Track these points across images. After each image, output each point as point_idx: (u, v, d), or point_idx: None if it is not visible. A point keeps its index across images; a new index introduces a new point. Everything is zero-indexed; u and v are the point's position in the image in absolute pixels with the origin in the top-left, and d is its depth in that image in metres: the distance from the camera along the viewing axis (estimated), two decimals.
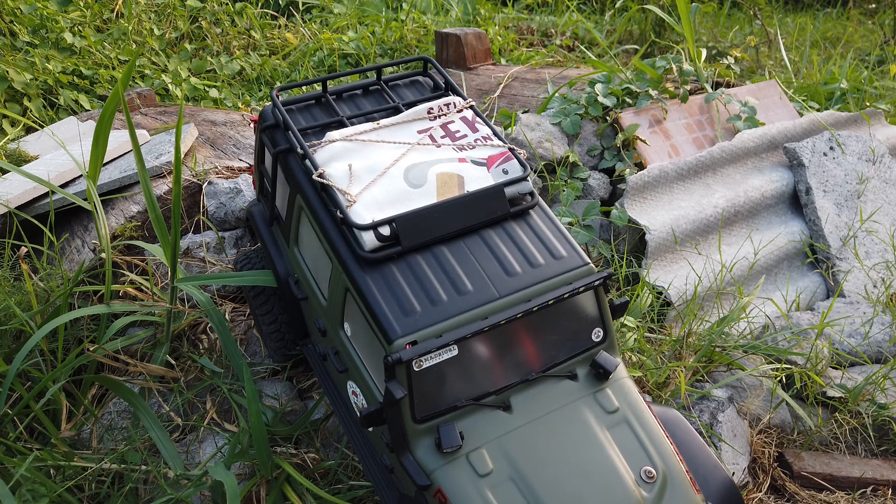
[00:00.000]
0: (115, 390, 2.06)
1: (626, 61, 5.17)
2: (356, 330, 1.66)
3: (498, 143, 1.85)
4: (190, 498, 1.83)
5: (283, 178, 1.92)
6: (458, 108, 1.93)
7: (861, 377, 2.44)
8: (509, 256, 1.65)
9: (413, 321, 1.50)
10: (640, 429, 1.61)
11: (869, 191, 3.30)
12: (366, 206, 1.65)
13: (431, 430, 1.53)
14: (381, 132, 1.85)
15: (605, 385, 1.66)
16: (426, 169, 1.74)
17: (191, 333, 2.39)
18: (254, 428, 1.83)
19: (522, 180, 1.75)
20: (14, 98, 3.88)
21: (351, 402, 1.79)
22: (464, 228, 1.66)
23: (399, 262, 1.61)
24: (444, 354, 1.50)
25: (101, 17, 4.96)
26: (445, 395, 1.54)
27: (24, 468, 1.77)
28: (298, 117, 1.92)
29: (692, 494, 1.54)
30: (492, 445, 1.53)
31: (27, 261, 2.48)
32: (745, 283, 2.91)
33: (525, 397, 1.60)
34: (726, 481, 1.65)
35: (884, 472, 2.22)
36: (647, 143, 3.12)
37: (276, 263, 2.02)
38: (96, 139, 2.18)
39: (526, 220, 1.74)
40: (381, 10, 5.98)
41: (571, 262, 1.67)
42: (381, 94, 2.03)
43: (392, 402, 1.44)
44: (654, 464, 1.56)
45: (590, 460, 1.53)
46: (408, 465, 1.52)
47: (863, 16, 7.20)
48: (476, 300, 1.55)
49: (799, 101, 3.80)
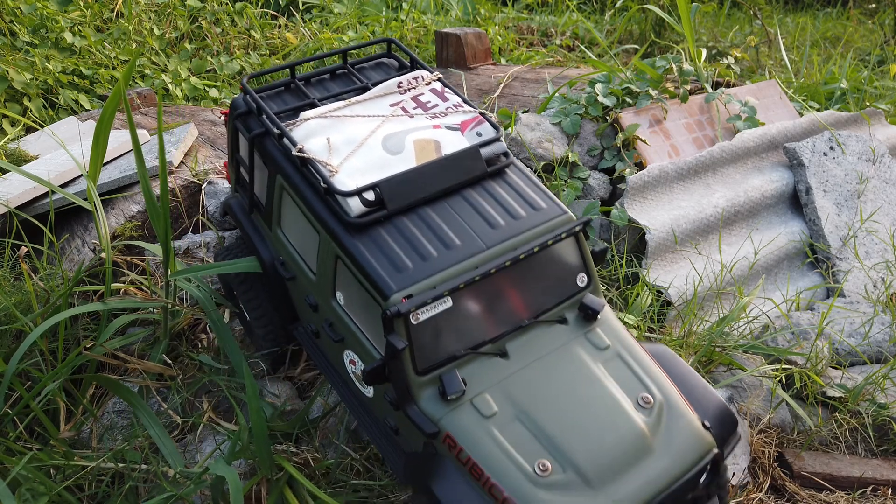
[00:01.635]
0: (114, 389, 2.06)
1: (626, 61, 5.17)
2: (349, 296, 1.70)
3: (469, 109, 1.92)
4: (190, 496, 1.83)
5: (260, 163, 1.95)
6: (427, 81, 2.00)
7: (861, 377, 2.44)
8: (491, 211, 1.71)
9: (406, 276, 1.55)
10: (633, 361, 1.68)
11: (869, 191, 3.30)
12: (348, 174, 1.70)
13: (433, 381, 1.58)
14: (355, 108, 1.90)
15: (595, 325, 1.74)
16: (403, 137, 1.81)
17: (190, 333, 2.39)
18: (254, 424, 1.82)
19: (496, 141, 1.82)
20: (14, 98, 3.88)
21: (349, 372, 1.82)
22: (445, 189, 1.72)
23: (386, 225, 1.66)
24: (440, 306, 1.56)
25: (101, 17, 4.96)
26: (444, 346, 1.59)
27: (20, 467, 1.77)
28: (270, 104, 1.94)
29: (689, 415, 1.61)
30: (494, 390, 1.58)
31: (27, 261, 2.48)
32: (745, 283, 2.91)
33: (520, 343, 1.67)
34: (719, 403, 1.71)
35: (884, 472, 2.22)
36: (647, 143, 3.12)
37: (260, 250, 2.04)
38: (96, 139, 2.18)
39: (503, 178, 1.81)
40: (381, 10, 5.98)
41: (551, 212, 1.74)
42: (348, 77, 2.08)
43: (394, 354, 1.49)
44: (650, 390, 1.63)
45: (588, 393, 1.59)
46: (414, 416, 1.56)
47: (863, 16, 7.20)
48: (464, 253, 1.62)
49: (799, 100, 3.79)
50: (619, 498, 1.46)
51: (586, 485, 1.47)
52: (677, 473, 1.52)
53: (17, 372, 2.11)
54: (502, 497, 1.45)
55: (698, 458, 1.56)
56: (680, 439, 1.57)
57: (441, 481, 1.52)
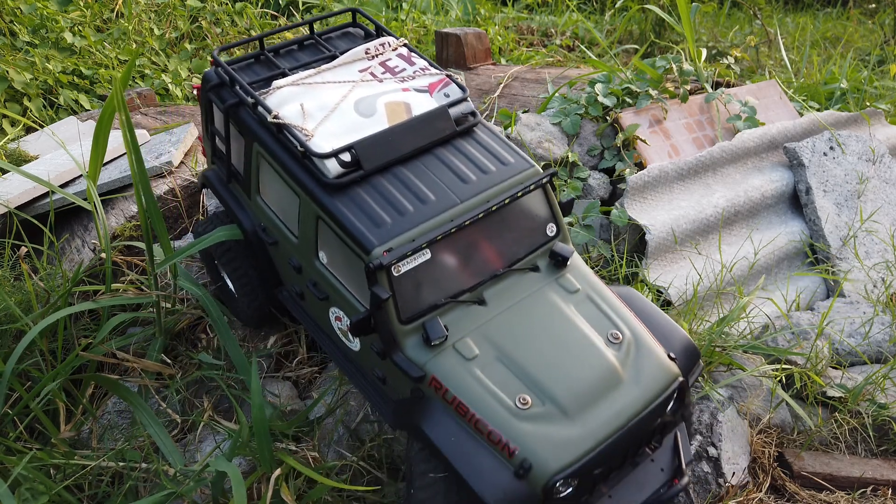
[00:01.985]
0: (113, 389, 2.06)
1: (626, 61, 5.16)
2: (332, 255, 1.79)
3: (436, 72, 2.00)
4: (190, 494, 1.83)
5: (236, 133, 2.01)
6: (394, 47, 2.07)
7: (861, 377, 2.44)
8: (462, 167, 1.81)
9: (386, 231, 1.65)
10: (602, 302, 1.81)
11: (869, 191, 3.30)
12: (323, 138, 1.78)
13: (417, 329, 1.69)
14: (325, 75, 1.97)
15: (565, 271, 1.86)
16: (374, 100, 1.88)
17: (190, 333, 2.39)
18: (255, 420, 1.82)
19: (463, 101, 1.91)
20: (14, 98, 3.88)
21: (335, 329, 1.91)
22: (417, 148, 1.81)
23: (363, 184, 1.75)
24: (419, 258, 1.66)
25: (101, 17, 4.95)
26: (425, 296, 1.70)
27: (21, 467, 1.77)
28: (242, 75, 1.99)
29: (656, 348, 1.74)
30: (474, 334, 1.70)
31: (27, 261, 2.48)
32: (745, 283, 2.91)
33: (496, 291, 1.78)
34: (683, 337, 1.84)
35: (884, 472, 2.22)
36: (647, 142, 3.12)
37: (241, 218, 2.09)
38: (96, 139, 2.18)
39: (472, 136, 1.90)
40: (381, 10, 5.97)
41: (519, 166, 1.84)
42: (316, 47, 2.14)
43: (378, 305, 1.59)
44: (619, 327, 1.76)
45: (562, 333, 1.72)
46: (401, 362, 1.67)
47: (863, 16, 7.20)
48: (439, 207, 1.71)
49: (799, 100, 3.79)
50: (593, 425, 1.59)
51: (564, 415, 1.59)
52: (646, 401, 1.65)
53: (17, 372, 2.11)
54: (487, 430, 1.57)
55: (665, 386, 1.69)
56: (648, 370, 1.70)
57: (430, 421, 1.62)
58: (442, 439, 1.59)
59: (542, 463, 1.53)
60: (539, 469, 1.53)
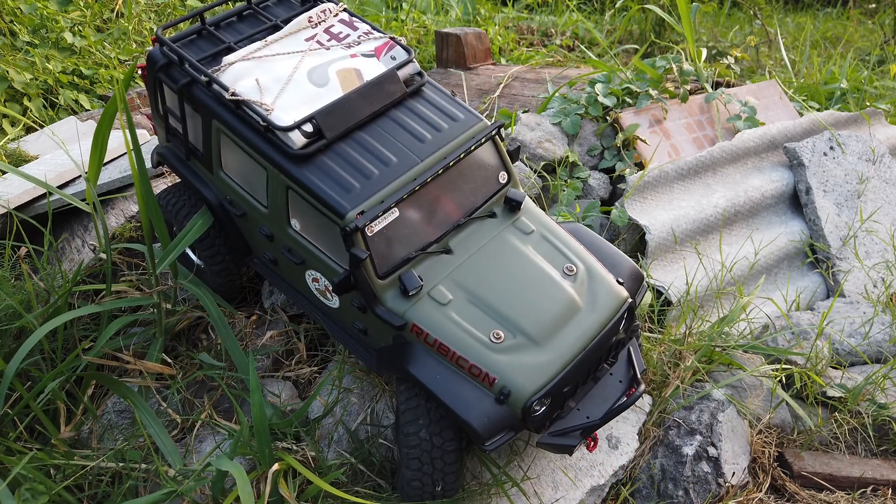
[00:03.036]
0: (113, 388, 2.06)
1: (626, 61, 5.16)
2: (305, 222, 1.89)
3: (379, 35, 2.08)
4: (190, 493, 1.83)
5: (191, 112, 2.05)
6: (335, 13, 2.13)
7: (861, 377, 2.44)
8: (417, 127, 1.93)
9: (356, 195, 1.77)
10: (555, 239, 1.99)
11: (869, 191, 3.29)
12: (283, 110, 1.85)
13: (394, 282, 1.83)
14: (273, 47, 2.02)
15: (520, 214, 2.02)
16: (325, 69, 1.95)
17: (190, 333, 2.39)
18: (256, 419, 1.83)
19: (409, 62, 2.01)
20: (14, 98, 3.88)
21: (313, 290, 2.02)
22: (373, 112, 1.92)
23: (327, 152, 1.85)
24: (389, 217, 1.80)
25: (101, 17, 4.95)
26: (397, 251, 1.84)
27: (20, 467, 1.77)
28: (187, 52, 2.01)
29: (606, 275, 1.95)
30: (446, 281, 1.87)
31: (27, 261, 2.48)
32: (745, 283, 2.91)
33: (460, 240, 1.94)
34: (628, 263, 2.05)
35: (884, 472, 2.22)
36: (647, 142, 3.12)
37: (205, 193, 2.15)
38: (96, 140, 2.18)
39: (422, 96, 2.02)
40: (381, 10, 5.97)
41: (469, 121, 1.98)
42: (255, 17, 2.18)
43: (357, 265, 1.74)
44: (572, 261, 1.95)
45: (523, 270, 1.91)
46: (382, 313, 1.82)
47: (863, 16, 7.20)
48: (402, 167, 1.85)
49: (799, 100, 3.79)
50: (560, 350, 1.79)
51: (533, 344, 1.79)
52: (602, 323, 1.86)
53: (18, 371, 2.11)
54: (468, 365, 1.76)
55: (617, 308, 1.90)
56: (601, 296, 1.89)
57: (415, 363, 1.79)
58: (428, 378, 1.76)
59: (520, 387, 1.74)
60: (517, 393, 1.74)
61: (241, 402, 2.19)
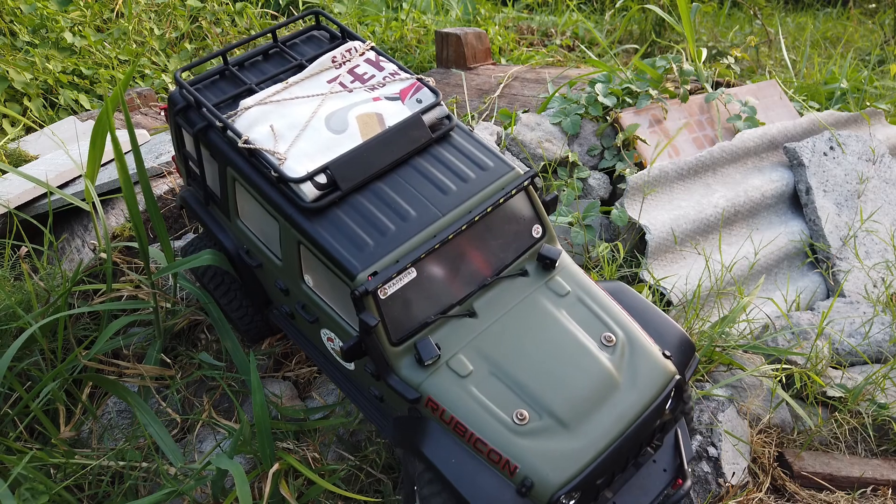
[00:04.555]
0: (112, 389, 2.06)
1: (627, 61, 5.16)
2: (318, 279, 1.74)
3: (406, 76, 1.92)
4: (191, 492, 1.83)
5: (208, 156, 1.94)
6: (361, 52, 1.98)
7: (861, 377, 2.44)
8: (441, 177, 1.76)
9: (369, 254, 1.61)
10: (593, 303, 1.78)
11: (869, 191, 3.29)
12: (297, 160, 1.71)
13: (409, 349, 1.65)
14: (293, 89, 1.89)
15: (554, 273, 1.82)
16: (345, 114, 1.81)
17: (190, 333, 2.39)
18: (257, 418, 1.82)
19: (437, 106, 1.84)
20: (14, 98, 3.88)
21: (328, 349, 1.87)
22: (394, 161, 1.75)
23: (341, 205, 1.70)
24: (405, 278, 1.62)
25: (101, 17, 4.95)
26: (414, 314, 1.66)
27: (20, 467, 1.77)
28: (208, 94, 1.93)
29: (650, 346, 1.72)
30: (467, 349, 1.67)
31: (27, 260, 2.48)
32: (745, 283, 2.91)
33: (486, 301, 1.74)
34: (677, 331, 1.81)
35: (884, 472, 2.22)
36: (647, 142, 3.12)
37: (223, 241, 2.04)
38: (94, 140, 2.18)
39: (449, 142, 1.84)
40: (381, 10, 5.97)
41: (499, 170, 1.79)
42: (281, 56, 2.06)
43: (367, 332, 1.56)
44: (612, 329, 1.73)
45: (555, 339, 1.69)
46: (395, 384, 1.64)
47: (863, 15, 7.19)
48: (421, 223, 1.67)
49: (799, 100, 3.79)
50: (593, 435, 1.56)
51: (562, 427, 1.57)
52: (645, 404, 1.63)
53: (18, 372, 2.11)
54: (487, 449, 1.56)
55: (662, 386, 1.66)
56: (644, 371, 1.66)
57: (429, 442, 1.60)
58: (442, 461, 1.57)
59: (544, 479, 1.52)
60: (541, 486, 1.51)
61: (241, 401, 2.19)
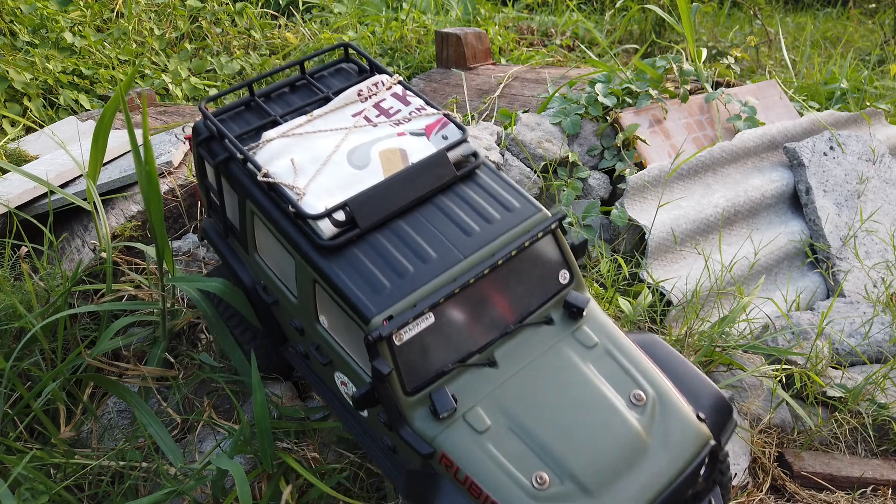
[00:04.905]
0: (112, 390, 2.06)
1: (627, 61, 5.16)
2: (332, 320, 1.67)
3: (432, 112, 1.86)
4: (191, 492, 1.83)
5: (228, 188, 1.89)
6: (387, 86, 1.93)
7: (861, 377, 2.44)
8: (465, 217, 1.68)
9: (385, 297, 1.52)
10: (622, 356, 1.65)
11: (869, 191, 3.30)
12: (316, 196, 1.65)
13: (424, 399, 1.55)
14: (316, 122, 1.84)
15: (581, 322, 1.71)
16: (368, 149, 1.75)
17: (190, 332, 2.39)
18: (257, 417, 1.81)
19: (463, 142, 1.78)
20: (14, 98, 3.88)
21: (342, 393, 1.79)
22: (416, 199, 1.68)
23: (360, 243, 1.62)
24: (422, 324, 1.53)
25: (101, 17, 4.96)
26: (431, 362, 1.56)
27: (21, 467, 1.77)
28: (231, 125, 1.89)
29: (682, 408, 1.59)
30: (485, 402, 1.56)
31: (27, 260, 2.48)
32: (745, 283, 2.91)
33: (508, 350, 1.64)
34: (712, 391, 1.68)
35: (884, 472, 2.22)
36: (647, 142, 3.12)
37: (241, 274, 1.98)
38: (95, 139, 2.18)
39: (474, 181, 1.77)
40: (381, 10, 5.98)
41: (525, 212, 1.70)
42: (308, 88, 2.01)
43: (380, 380, 1.46)
44: (641, 386, 1.60)
45: (580, 395, 1.58)
46: (408, 437, 1.54)
47: (863, 16, 7.20)
48: (441, 265, 1.58)
49: (799, 100, 3.79)
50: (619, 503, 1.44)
51: (585, 494, 1.45)
52: (676, 470, 1.51)
53: (18, 371, 2.11)
54: None
55: (696, 452, 1.54)
56: (675, 435, 1.55)
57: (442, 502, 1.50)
58: None
59: None
60: None
61: (242, 401, 2.19)
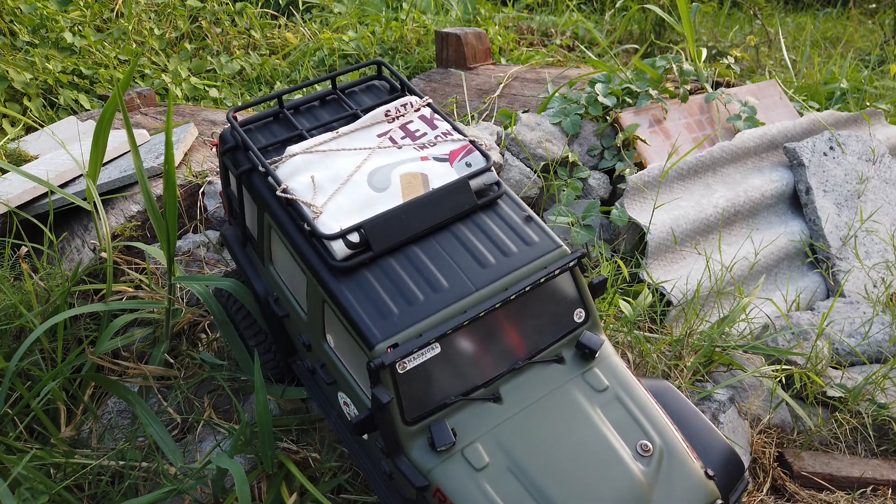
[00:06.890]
0: (112, 389, 2.06)
1: (626, 61, 5.16)
2: (339, 341, 1.64)
3: (458, 137, 1.83)
4: (191, 491, 1.83)
5: (249, 199, 1.89)
6: (416, 108, 1.91)
7: (861, 377, 2.44)
8: (481, 248, 1.64)
9: (392, 324, 1.49)
10: (632, 404, 1.61)
11: (869, 191, 3.30)
12: (332, 215, 1.63)
13: (424, 430, 1.52)
14: (341, 140, 1.82)
15: (593, 364, 1.66)
16: (389, 171, 1.73)
17: (190, 332, 2.39)
18: (259, 417, 1.81)
19: (486, 171, 1.74)
20: (14, 98, 3.88)
21: (344, 413, 1.77)
22: (433, 226, 1.65)
23: (372, 267, 1.60)
24: (427, 353, 1.49)
25: (101, 17, 4.96)
26: (433, 393, 1.52)
27: (21, 466, 1.77)
28: (258, 136, 1.88)
29: (691, 463, 1.54)
30: (486, 438, 1.52)
31: (27, 260, 2.48)
32: (745, 283, 2.91)
33: (514, 386, 1.59)
34: (725, 448, 1.64)
35: (884, 472, 2.22)
36: (647, 142, 3.12)
37: (255, 284, 1.98)
38: (96, 139, 2.18)
39: (494, 211, 1.73)
40: (381, 10, 5.98)
41: (544, 246, 1.66)
42: (338, 103, 1.99)
43: (380, 407, 1.43)
44: (650, 437, 1.55)
45: (585, 441, 1.52)
46: (404, 467, 1.51)
47: (863, 15, 7.20)
48: (453, 296, 1.54)
49: (799, 100, 3.79)
50: None
51: None
52: None
53: (18, 371, 2.11)
54: None
55: None
56: (681, 491, 1.49)
57: None
58: None
59: None
60: None
61: (242, 401, 2.19)
